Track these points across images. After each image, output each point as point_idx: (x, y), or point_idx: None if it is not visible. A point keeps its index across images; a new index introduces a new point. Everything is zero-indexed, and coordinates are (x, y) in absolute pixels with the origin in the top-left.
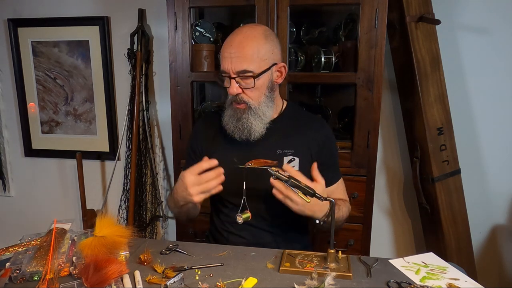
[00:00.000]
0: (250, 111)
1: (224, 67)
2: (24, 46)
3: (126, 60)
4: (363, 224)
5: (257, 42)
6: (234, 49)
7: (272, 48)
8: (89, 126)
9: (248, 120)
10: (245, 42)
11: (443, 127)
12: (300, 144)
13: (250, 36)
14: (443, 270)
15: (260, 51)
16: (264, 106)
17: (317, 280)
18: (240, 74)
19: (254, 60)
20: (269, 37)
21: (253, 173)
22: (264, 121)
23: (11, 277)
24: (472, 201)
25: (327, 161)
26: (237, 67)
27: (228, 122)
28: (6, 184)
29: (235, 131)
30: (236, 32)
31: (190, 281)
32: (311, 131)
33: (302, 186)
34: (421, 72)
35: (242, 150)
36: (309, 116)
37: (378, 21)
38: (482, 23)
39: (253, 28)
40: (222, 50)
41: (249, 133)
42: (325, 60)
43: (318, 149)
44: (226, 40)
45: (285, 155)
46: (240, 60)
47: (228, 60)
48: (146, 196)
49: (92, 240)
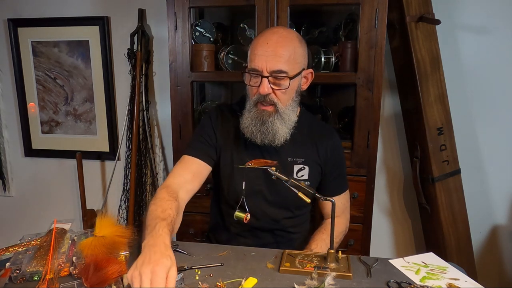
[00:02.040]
0: (277, 114)
1: (256, 65)
2: (24, 46)
3: (126, 60)
4: (363, 224)
5: (294, 44)
6: (271, 48)
7: (305, 53)
8: (89, 126)
9: (274, 124)
10: (283, 42)
11: (443, 127)
12: (310, 153)
13: (288, 37)
14: (443, 270)
15: (296, 53)
16: (290, 111)
17: (317, 280)
18: (274, 73)
19: (290, 62)
20: (302, 42)
21: (253, 173)
22: (288, 126)
23: (11, 277)
24: (472, 201)
25: (333, 171)
26: (272, 66)
27: (249, 125)
28: (6, 184)
29: (258, 134)
30: (271, 31)
31: (190, 281)
32: (321, 141)
33: (302, 187)
34: (421, 72)
35: (255, 153)
36: (320, 125)
37: (378, 21)
38: (482, 23)
39: (288, 30)
40: (255, 47)
41: (273, 138)
42: (325, 60)
43: (326, 158)
44: (260, 38)
45: (295, 164)
46: (277, 60)
47: (262, 58)
48: (146, 196)
49: (92, 240)
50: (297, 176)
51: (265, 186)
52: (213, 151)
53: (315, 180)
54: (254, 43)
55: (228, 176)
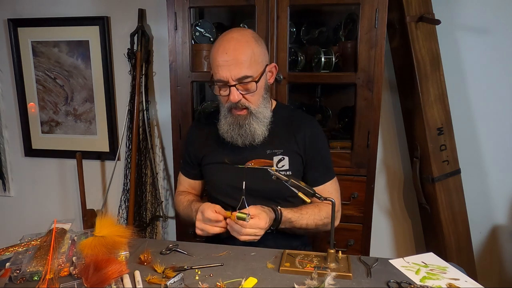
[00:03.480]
0: (251, 116)
1: (221, 75)
2: (24, 46)
3: (126, 60)
4: (363, 224)
5: (251, 47)
6: (230, 56)
7: (264, 50)
8: (89, 126)
9: (251, 126)
10: (240, 48)
11: (443, 127)
12: (288, 143)
13: (243, 41)
14: (443, 270)
15: (255, 55)
16: (262, 108)
17: (317, 280)
18: (239, 80)
19: (252, 65)
20: (258, 40)
21: (249, 174)
22: (265, 123)
23: (11, 277)
24: (472, 201)
25: (314, 160)
26: (236, 74)
27: (228, 130)
28: (6, 184)
29: (238, 138)
30: (226, 39)
31: (190, 281)
32: (299, 130)
33: (302, 187)
34: (421, 72)
35: (234, 150)
36: (297, 115)
37: (378, 21)
38: (482, 23)
39: (242, 32)
40: (215, 58)
41: (252, 138)
42: (325, 60)
43: (305, 148)
44: (217, 48)
45: (274, 155)
46: (239, 67)
47: (224, 68)
48: (146, 196)
49: (92, 240)
50: (277, 167)
51: (263, 186)
52: (195, 167)
53: (296, 170)
54: (213, 53)
55: (212, 175)
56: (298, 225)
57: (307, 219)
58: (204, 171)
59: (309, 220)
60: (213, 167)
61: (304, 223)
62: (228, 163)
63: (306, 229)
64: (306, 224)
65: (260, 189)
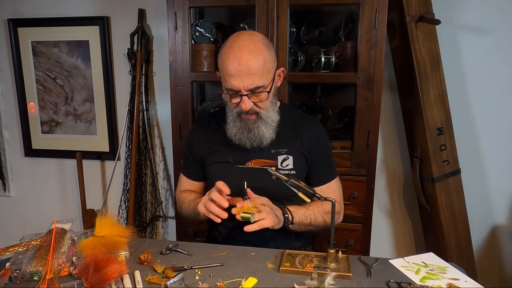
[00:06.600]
0: (260, 120)
1: (233, 84)
2: (24, 46)
3: (126, 60)
4: (363, 224)
5: (263, 55)
6: (242, 67)
7: (273, 56)
8: (89, 126)
9: (260, 129)
10: (252, 59)
11: (443, 127)
12: (293, 143)
13: (255, 50)
14: (443, 270)
15: (267, 63)
16: (271, 112)
17: (317, 280)
18: (253, 91)
19: (264, 74)
20: (269, 46)
21: (253, 173)
22: (273, 127)
23: (11, 277)
24: (472, 201)
25: (318, 160)
26: (249, 84)
27: (236, 133)
28: (6, 184)
29: (247, 141)
30: (238, 48)
31: (190, 281)
32: (303, 130)
33: (302, 187)
34: (421, 72)
35: (239, 150)
36: (302, 115)
37: (378, 21)
38: (482, 23)
39: (253, 39)
40: (226, 67)
41: (260, 141)
42: (325, 60)
43: (310, 148)
44: (227, 55)
45: (279, 154)
46: (252, 78)
47: (237, 78)
48: (146, 196)
49: (92, 240)
50: (281, 166)
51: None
52: (198, 167)
53: (300, 169)
54: (223, 59)
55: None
56: (307, 220)
57: (313, 211)
58: (207, 170)
59: (315, 212)
60: (216, 166)
61: (313, 217)
62: (232, 162)
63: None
64: (315, 219)
65: (264, 188)
